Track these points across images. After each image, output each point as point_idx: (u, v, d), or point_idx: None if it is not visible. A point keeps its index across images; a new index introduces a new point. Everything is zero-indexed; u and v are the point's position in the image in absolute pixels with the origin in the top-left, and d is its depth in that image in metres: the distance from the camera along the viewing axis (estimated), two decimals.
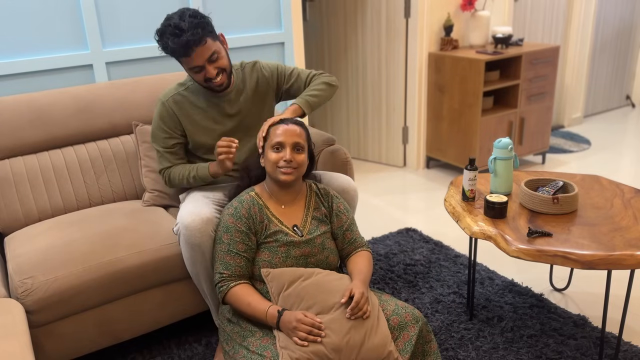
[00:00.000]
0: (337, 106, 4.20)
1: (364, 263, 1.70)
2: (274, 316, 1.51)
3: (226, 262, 1.63)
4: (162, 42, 1.81)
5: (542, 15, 4.31)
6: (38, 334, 1.76)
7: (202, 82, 1.89)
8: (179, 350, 2.05)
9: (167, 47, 1.80)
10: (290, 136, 1.67)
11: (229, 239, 1.63)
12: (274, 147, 1.66)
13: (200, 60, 1.81)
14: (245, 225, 1.64)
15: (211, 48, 1.82)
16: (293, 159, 1.65)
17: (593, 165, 3.84)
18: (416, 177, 3.78)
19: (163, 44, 1.81)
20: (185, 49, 1.77)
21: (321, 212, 1.75)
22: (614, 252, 1.60)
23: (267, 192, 1.73)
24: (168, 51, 1.82)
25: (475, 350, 1.98)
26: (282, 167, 1.65)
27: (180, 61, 1.85)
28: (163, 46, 1.82)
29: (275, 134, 1.68)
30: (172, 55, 1.83)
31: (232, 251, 1.63)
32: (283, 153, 1.66)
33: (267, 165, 1.69)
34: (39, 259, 1.79)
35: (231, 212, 1.66)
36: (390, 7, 3.63)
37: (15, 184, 2.12)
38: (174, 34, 1.76)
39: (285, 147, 1.66)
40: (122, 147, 2.32)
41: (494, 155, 2.00)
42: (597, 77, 4.95)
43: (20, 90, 2.39)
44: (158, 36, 1.82)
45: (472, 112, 3.44)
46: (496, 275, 2.47)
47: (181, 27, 1.75)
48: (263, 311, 1.53)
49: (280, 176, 1.66)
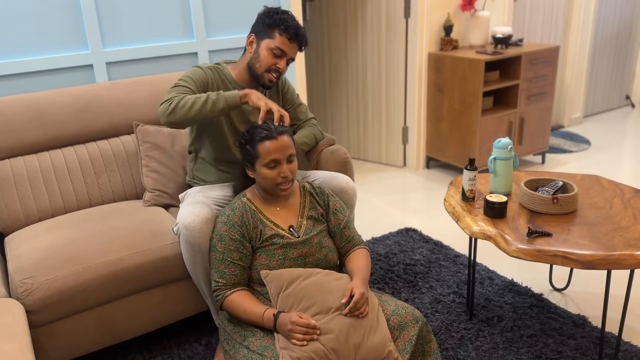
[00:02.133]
0: (337, 106, 4.21)
1: (363, 261, 1.70)
2: (270, 320, 1.52)
3: (221, 270, 1.63)
4: (281, 15, 1.92)
5: (541, 15, 4.31)
6: (38, 334, 1.76)
7: (265, 68, 1.94)
8: (179, 350, 2.05)
9: (287, 20, 1.91)
10: (284, 150, 1.63)
11: (223, 247, 1.63)
12: (268, 164, 1.63)
13: (290, 52, 1.95)
14: (238, 233, 1.63)
15: (296, 54, 2.01)
16: (290, 171, 1.64)
17: (593, 165, 3.84)
18: (416, 177, 3.78)
19: (281, 17, 1.91)
20: (296, 36, 1.93)
21: (317, 212, 1.75)
22: (614, 252, 1.60)
23: (259, 197, 1.72)
24: (281, 23, 1.91)
25: (475, 350, 1.98)
26: (281, 184, 1.64)
27: (275, 36, 1.92)
28: (280, 17, 1.91)
29: (267, 151, 1.62)
30: (277, 26, 1.91)
31: (226, 260, 1.62)
32: (279, 169, 1.63)
33: (260, 180, 1.66)
34: (39, 259, 1.79)
35: (224, 220, 1.65)
36: (390, 7, 3.63)
37: (15, 184, 2.12)
38: (295, 21, 1.95)
39: (281, 163, 1.63)
40: (122, 147, 2.32)
41: (493, 155, 2.00)
42: (597, 77, 4.96)
43: (20, 90, 2.39)
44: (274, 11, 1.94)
45: (472, 112, 3.44)
46: (496, 275, 2.47)
47: (300, 25, 1.97)
48: (259, 316, 1.53)
49: (280, 193, 1.66)
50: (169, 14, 2.67)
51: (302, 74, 3.18)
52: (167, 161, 2.27)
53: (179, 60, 2.75)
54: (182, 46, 2.72)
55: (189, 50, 2.75)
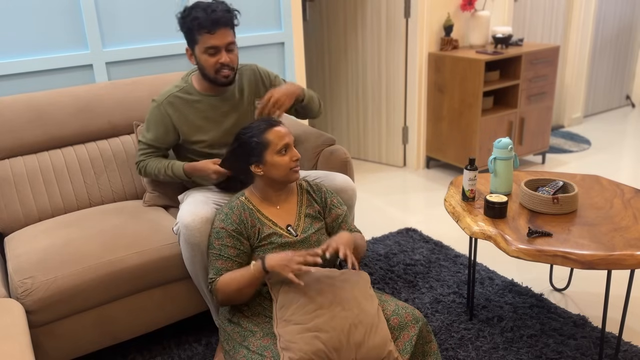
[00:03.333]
0: (337, 106, 4.21)
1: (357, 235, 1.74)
2: (258, 265, 1.53)
3: (217, 267, 1.63)
4: (189, 16, 1.83)
5: (541, 15, 4.31)
6: (38, 334, 1.76)
7: (211, 68, 1.89)
8: (179, 350, 2.05)
9: (195, 19, 1.81)
10: (288, 135, 1.68)
11: (220, 244, 1.63)
12: (280, 151, 1.65)
13: (221, 41, 1.84)
14: (236, 230, 1.63)
15: (232, 36, 1.89)
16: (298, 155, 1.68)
17: (593, 165, 3.84)
18: (416, 177, 3.78)
19: (190, 17, 1.83)
20: (213, 24, 1.81)
21: (314, 209, 1.75)
22: (614, 252, 1.60)
23: (258, 196, 1.72)
24: (193, 24, 1.82)
25: (475, 350, 1.98)
26: (294, 167, 1.67)
27: (197, 40, 1.85)
28: (190, 19, 1.83)
29: (279, 137, 1.65)
30: (193, 31, 1.84)
31: (223, 256, 1.63)
32: (290, 153, 1.67)
33: (272, 171, 1.66)
34: (39, 259, 1.79)
35: (222, 218, 1.66)
36: (390, 7, 3.63)
37: (15, 184, 2.12)
38: (205, 10, 1.82)
39: (291, 147, 1.68)
40: (122, 147, 2.32)
41: (494, 155, 2.00)
42: (597, 77, 4.95)
43: (20, 90, 2.39)
44: (185, 11, 1.85)
45: (472, 112, 3.44)
46: (496, 275, 2.47)
47: (213, 7, 1.83)
48: (249, 273, 1.54)
49: (292, 177, 1.68)
50: (168, 14, 2.67)
51: (302, 74, 3.18)
52: None
53: (178, 60, 2.75)
54: (182, 46, 2.72)
55: None
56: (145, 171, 2.05)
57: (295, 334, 1.45)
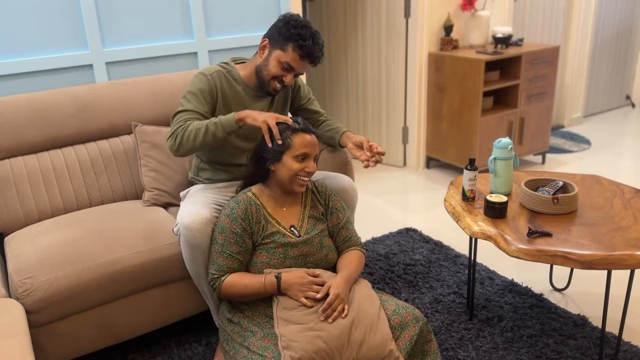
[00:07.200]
0: (337, 106, 4.21)
1: (353, 261, 1.70)
2: (272, 282, 1.53)
3: (218, 263, 1.63)
4: (296, 28, 1.85)
5: (541, 15, 4.31)
6: (38, 334, 1.76)
7: (271, 77, 1.93)
8: (179, 350, 2.05)
9: (299, 36, 1.85)
10: (314, 147, 1.68)
11: (223, 240, 1.63)
12: (298, 156, 1.64)
13: (298, 69, 1.93)
14: (240, 226, 1.63)
15: (305, 70, 1.98)
16: (312, 169, 1.67)
17: (593, 165, 3.84)
18: (416, 177, 3.78)
19: (296, 30, 1.85)
20: (307, 54, 1.88)
21: (318, 211, 1.75)
22: (614, 252, 1.60)
23: (266, 194, 1.73)
24: (293, 36, 1.85)
25: (475, 350, 1.98)
26: (301, 177, 1.66)
27: (284, 49, 1.88)
28: (295, 31, 1.85)
29: (302, 144, 1.65)
30: (287, 40, 1.86)
31: (225, 252, 1.63)
32: (306, 164, 1.66)
33: (281, 172, 1.66)
34: (39, 259, 1.79)
35: (227, 213, 1.66)
36: (390, 7, 3.63)
37: (15, 184, 2.12)
38: (312, 37, 1.88)
39: (309, 158, 1.67)
40: (122, 147, 2.32)
41: (494, 155, 2.00)
42: (597, 77, 4.95)
43: (20, 90, 2.39)
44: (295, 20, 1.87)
45: (472, 112, 3.44)
46: (496, 275, 2.47)
47: (317, 42, 1.91)
48: (261, 283, 1.54)
49: (296, 187, 1.67)
50: (168, 14, 2.67)
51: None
52: (166, 160, 2.27)
53: (178, 60, 2.75)
54: (182, 46, 2.72)
55: (189, 50, 2.75)
56: (183, 135, 1.80)
57: (297, 333, 1.45)
